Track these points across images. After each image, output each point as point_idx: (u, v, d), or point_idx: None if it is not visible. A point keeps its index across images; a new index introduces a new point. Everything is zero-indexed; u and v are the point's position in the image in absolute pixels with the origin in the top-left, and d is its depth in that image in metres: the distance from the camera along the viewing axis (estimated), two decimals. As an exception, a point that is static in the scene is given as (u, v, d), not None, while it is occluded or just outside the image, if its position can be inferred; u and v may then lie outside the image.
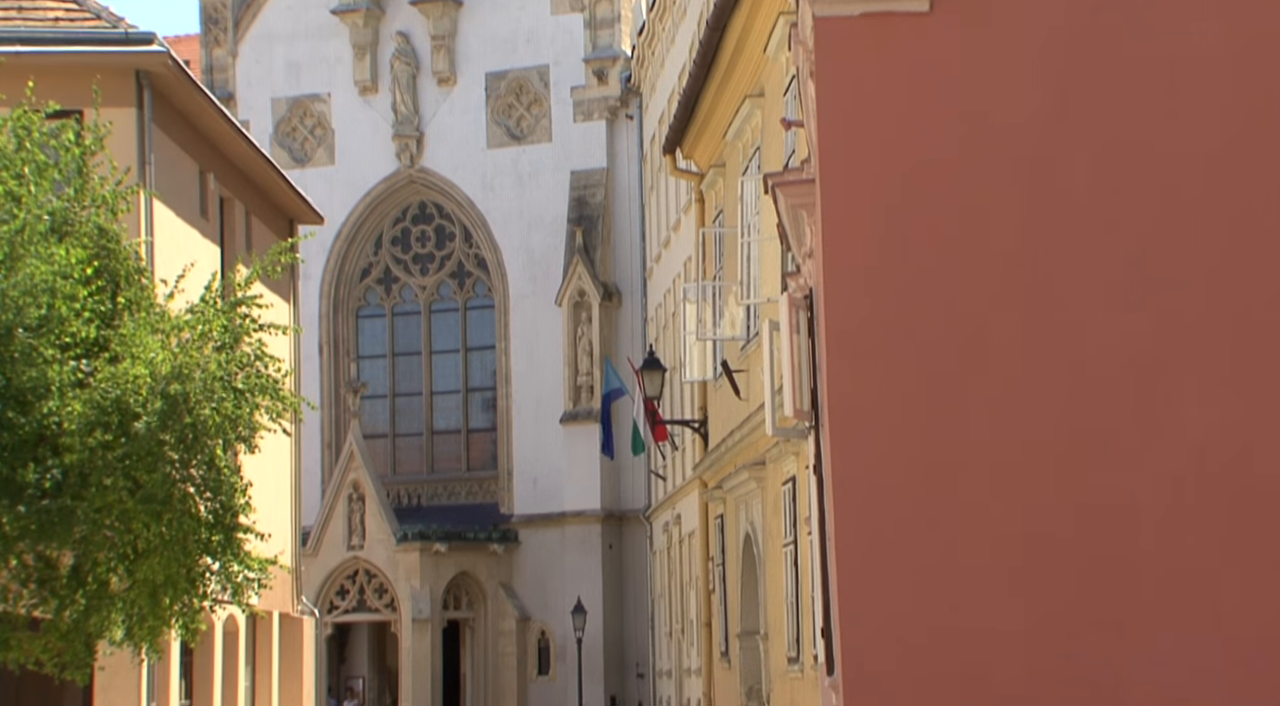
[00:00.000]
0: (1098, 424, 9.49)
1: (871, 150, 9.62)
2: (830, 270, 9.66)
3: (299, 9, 49.17)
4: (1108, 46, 9.54)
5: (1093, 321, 9.50)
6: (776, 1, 21.44)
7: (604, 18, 47.33)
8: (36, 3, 24.09)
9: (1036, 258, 9.54)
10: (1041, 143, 9.54)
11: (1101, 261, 9.50)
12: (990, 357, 9.55)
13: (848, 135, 9.65)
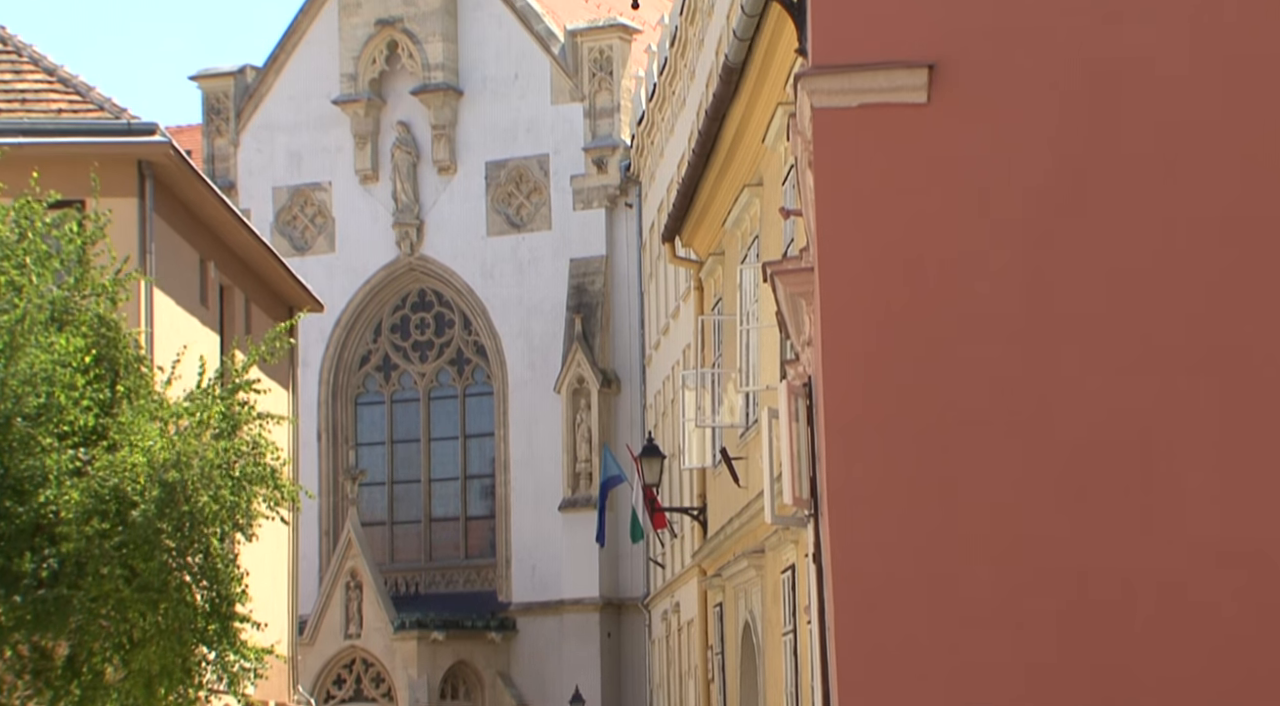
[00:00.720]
0: (1097, 506, 9.48)
1: (870, 239, 9.65)
2: (829, 358, 9.67)
3: (300, 99, 49.40)
4: (1105, 135, 9.58)
5: (1092, 405, 9.51)
6: (775, 92, 21.55)
7: (603, 108, 47.54)
8: (41, 95, 24.24)
9: (1035, 345, 9.55)
10: (1040, 230, 9.57)
11: (1101, 346, 9.51)
12: (989, 445, 9.55)
13: (846, 224, 9.68)
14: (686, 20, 36.43)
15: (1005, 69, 9.58)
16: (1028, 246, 9.57)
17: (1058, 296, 9.57)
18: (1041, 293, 9.56)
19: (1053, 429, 9.53)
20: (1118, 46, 9.57)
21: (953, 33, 9.55)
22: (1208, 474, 9.50)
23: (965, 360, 9.55)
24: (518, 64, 48.04)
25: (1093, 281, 9.55)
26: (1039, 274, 9.56)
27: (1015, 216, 9.56)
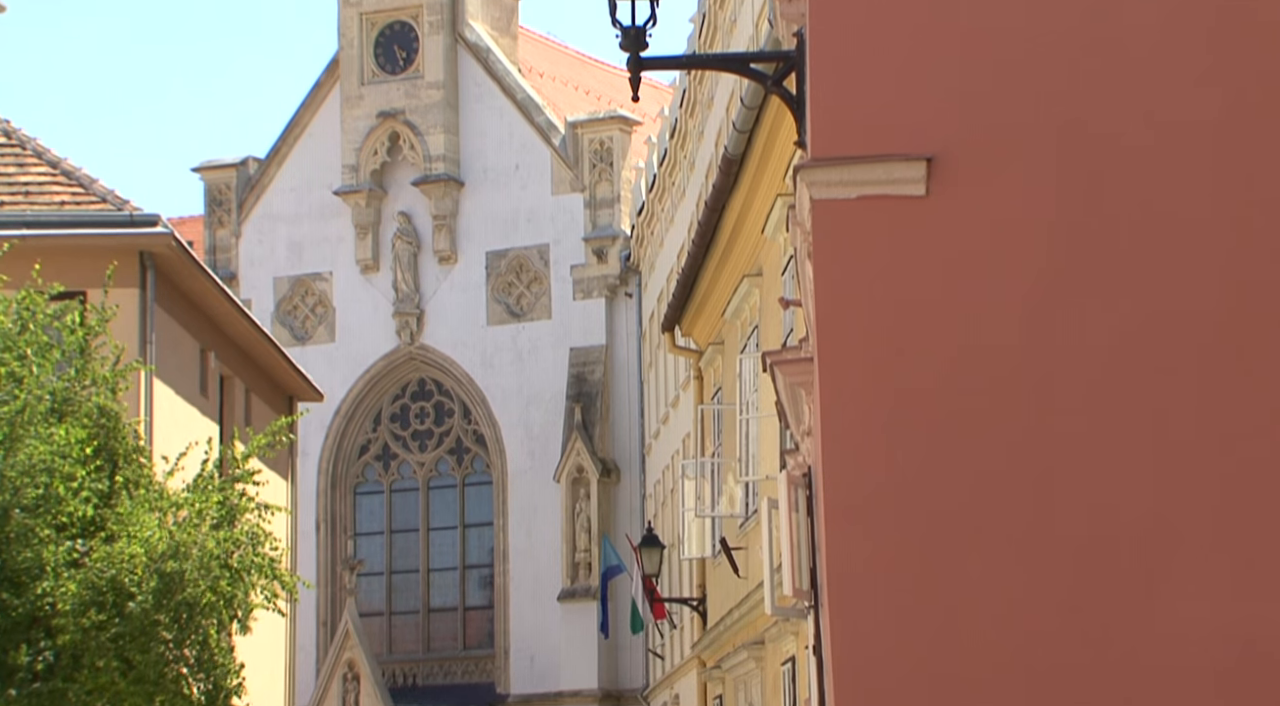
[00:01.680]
0: (1099, 599, 9.44)
1: (869, 330, 9.66)
2: (829, 449, 9.66)
3: (302, 190, 49.58)
4: (1104, 227, 9.60)
5: (1095, 495, 9.49)
6: (774, 184, 21.63)
7: (604, 198, 47.71)
8: (44, 188, 24.37)
9: (1036, 436, 9.54)
10: (1039, 323, 9.58)
11: (1103, 436, 9.50)
12: (991, 537, 9.53)
13: (845, 315, 9.69)
14: (686, 112, 36.60)
15: (1003, 162, 9.61)
16: (1027, 338, 9.58)
17: (1058, 388, 9.57)
18: (1041, 384, 9.56)
19: (1054, 520, 9.51)
20: (1117, 138, 9.61)
21: (950, 126, 9.59)
22: (1211, 568, 9.47)
23: (966, 451, 9.55)
24: (519, 155, 48.24)
25: (1093, 372, 9.56)
26: (1039, 365, 9.57)
27: (1015, 308, 9.57)
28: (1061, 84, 9.61)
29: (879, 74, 9.61)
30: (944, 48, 9.62)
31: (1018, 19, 9.62)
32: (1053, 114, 9.60)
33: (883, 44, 9.62)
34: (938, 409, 9.58)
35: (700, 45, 34.35)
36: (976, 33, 9.62)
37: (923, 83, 9.61)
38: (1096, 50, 9.61)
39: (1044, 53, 9.61)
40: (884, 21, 9.63)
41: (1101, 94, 9.62)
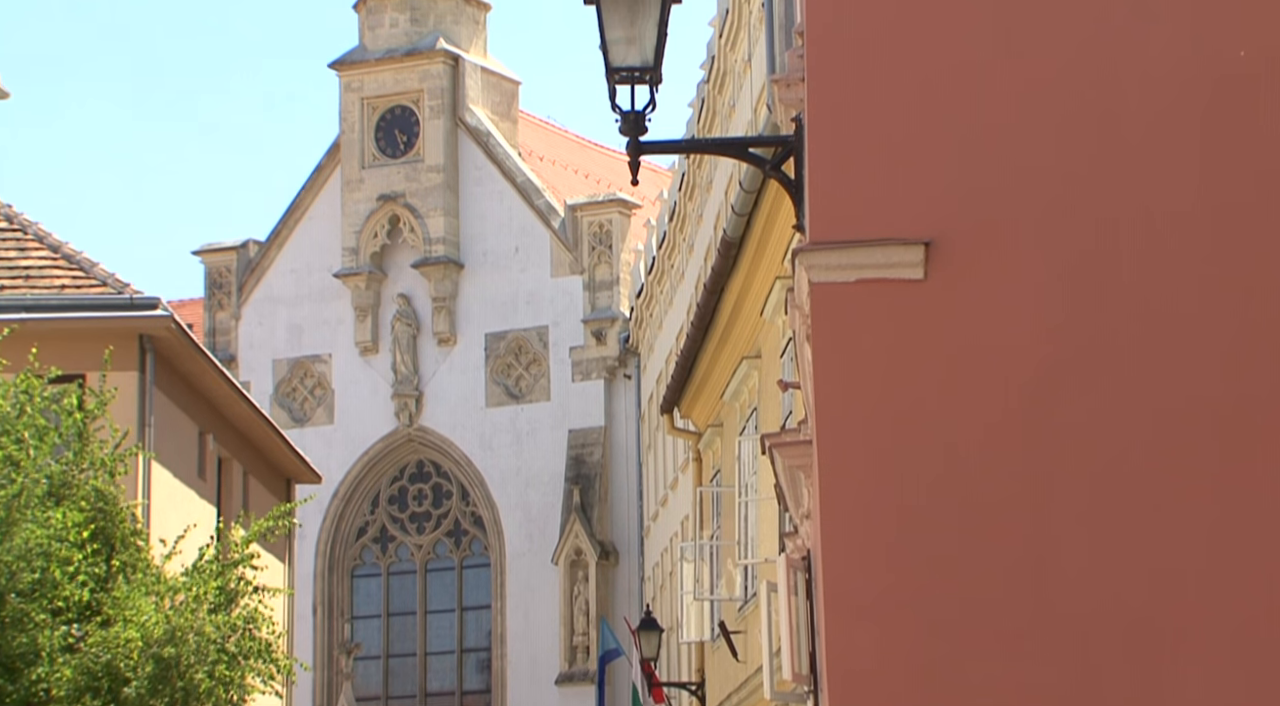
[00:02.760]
0: (1101, 689, 9.40)
1: (868, 414, 9.65)
2: (828, 532, 9.63)
3: (302, 273, 49.69)
4: (1105, 314, 9.60)
5: (1096, 585, 9.45)
6: (773, 266, 21.67)
7: (603, 280, 47.80)
8: (45, 272, 24.46)
9: (1037, 522, 9.52)
10: (1040, 408, 9.58)
11: (1105, 526, 9.48)
12: (991, 624, 9.49)
13: (844, 398, 9.68)
14: (685, 195, 36.71)
15: (1001, 246, 9.63)
16: (1027, 423, 9.57)
17: (1059, 473, 9.56)
18: (1042, 470, 9.55)
19: (1056, 607, 9.48)
20: (1115, 225, 9.63)
21: (948, 211, 9.62)
22: (1212, 658, 9.43)
23: (966, 536, 9.52)
24: (518, 237, 48.38)
25: (1094, 459, 9.54)
26: (1039, 450, 9.55)
27: (1014, 393, 9.57)
28: (1059, 170, 9.63)
29: (877, 158, 9.64)
30: (942, 133, 9.65)
31: (1016, 107, 9.66)
32: (1050, 200, 9.63)
33: (881, 129, 9.66)
34: (937, 493, 9.57)
35: (699, 129, 34.48)
36: (974, 119, 9.66)
37: (921, 167, 9.64)
38: (1094, 138, 9.64)
39: (1041, 139, 9.64)
40: (882, 107, 9.66)
41: (1099, 181, 9.64)
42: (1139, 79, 9.63)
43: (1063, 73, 9.66)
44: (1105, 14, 9.66)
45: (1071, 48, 9.66)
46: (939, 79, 9.66)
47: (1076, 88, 9.65)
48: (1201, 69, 9.57)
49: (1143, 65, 9.64)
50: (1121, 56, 9.64)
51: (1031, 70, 9.67)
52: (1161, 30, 9.62)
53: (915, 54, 9.66)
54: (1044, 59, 9.67)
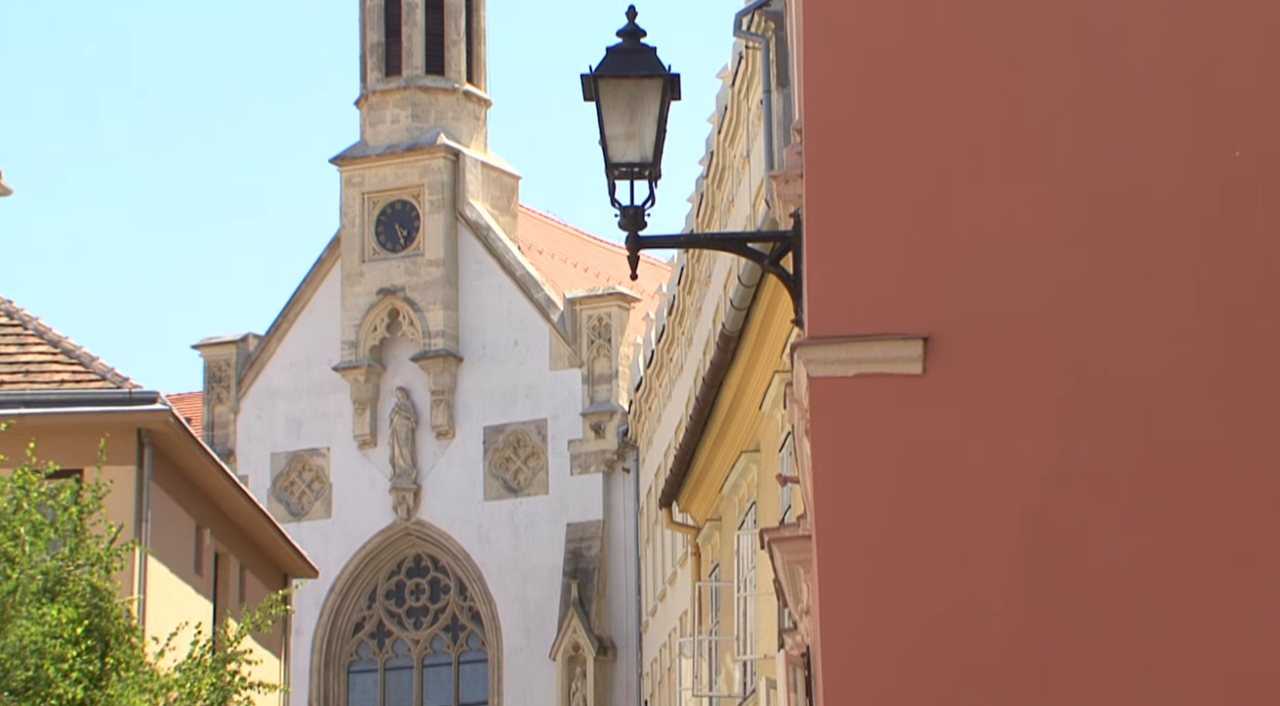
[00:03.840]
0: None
1: (868, 509, 9.62)
2: (827, 629, 9.58)
3: (302, 366, 49.73)
4: (1103, 413, 9.59)
5: (1097, 680, 9.39)
6: (771, 361, 21.68)
7: (601, 374, 47.83)
8: (44, 367, 24.53)
9: (1036, 619, 9.47)
10: (1039, 505, 9.55)
11: (1105, 617, 9.42)
12: (991, 719, 9.42)
13: (844, 493, 9.66)
14: (684, 289, 36.78)
15: (1000, 342, 9.64)
16: (1027, 520, 9.54)
17: (1058, 571, 9.52)
18: (1044, 567, 9.51)
19: (1055, 699, 9.42)
20: (1114, 325, 9.63)
21: (947, 306, 9.62)
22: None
23: (965, 632, 9.47)
24: (517, 331, 48.45)
25: (1096, 556, 9.51)
26: (1041, 548, 9.52)
27: (1015, 489, 9.55)
28: (1057, 268, 9.64)
29: (875, 254, 9.66)
30: (940, 229, 9.67)
31: (1014, 204, 9.68)
32: (1049, 297, 9.63)
33: (879, 225, 9.67)
34: (937, 589, 9.52)
35: (698, 224, 34.58)
36: (973, 215, 9.68)
37: (919, 263, 9.65)
38: (1092, 237, 9.65)
39: (1039, 236, 9.66)
40: (880, 203, 9.68)
41: (1098, 279, 9.65)
42: (1136, 178, 9.66)
43: (1061, 171, 9.68)
44: (1102, 115, 9.70)
45: (1069, 148, 9.69)
46: (937, 176, 9.69)
47: (1074, 186, 9.68)
48: (1197, 169, 9.60)
49: (1139, 165, 9.67)
50: (1119, 156, 9.68)
51: (1030, 168, 9.70)
52: (1157, 132, 9.66)
53: (913, 151, 9.69)
54: (1043, 156, 9.70)
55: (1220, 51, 9.66)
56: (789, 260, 11.04)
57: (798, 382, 10.18)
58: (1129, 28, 9.72)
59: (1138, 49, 9.71)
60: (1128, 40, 9.72)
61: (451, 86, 49.77)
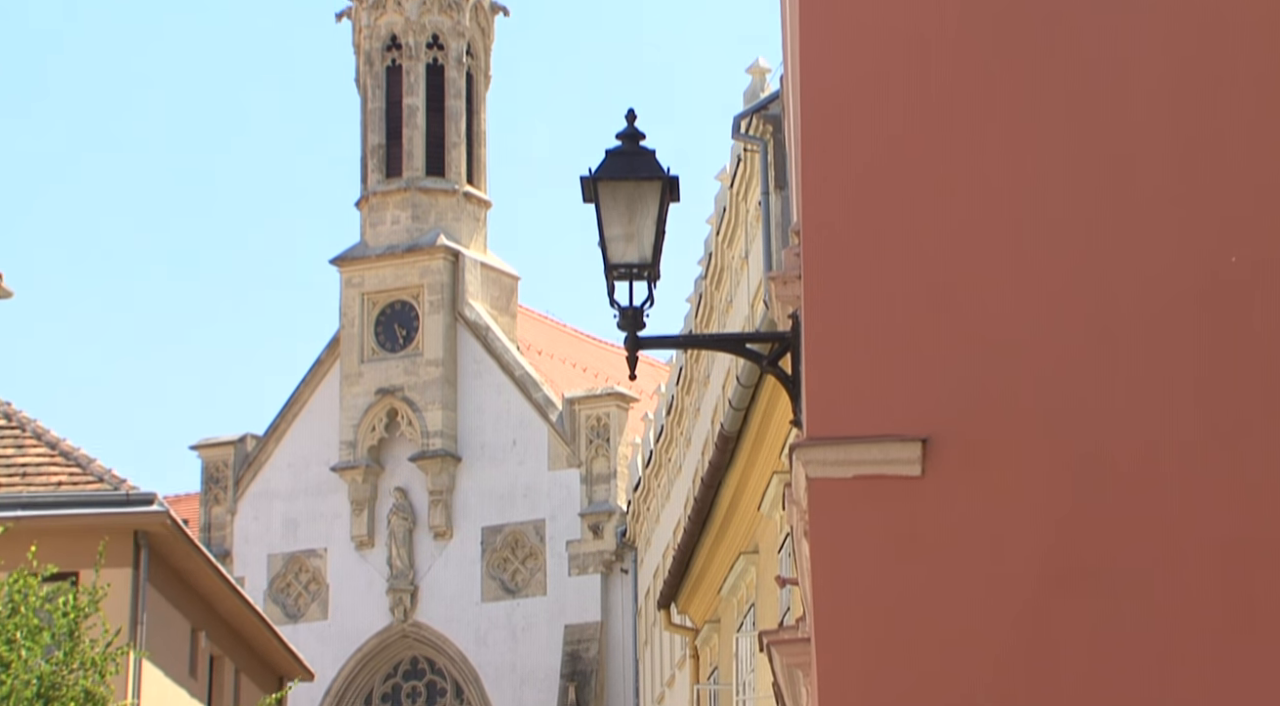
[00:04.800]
0: None
1: (867, 612, 9.57)
2: (827, 733, 9.52)
3: (299, 466, 49.67)
4: (1102, 516, 9.57)
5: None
6: (770, 461, 21.65)
7: (600, 474, 47.77)
8: (42, 469, 24.56)
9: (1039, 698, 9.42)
10: (1038, 606, 9.51)
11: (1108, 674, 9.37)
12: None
13: (843, 596, 9.62)
14: (683, 390, 36.78)
15: (1000, 444, 9.63)
16: (1028, 624, 9.50)
17: (1061, 677, 9.47)
18: (1044, 671, 9.46)
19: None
20: (1114, 425, 9.62)
21: (946, 408, 9.62)
22: None
23: (966, 735, 9.42)
24: (516, 431, 48.43)
25: (1097, 661, 9.47)
26: (1039, 650, 9.48)
27: (1014, 592, 9.51)
28: (1057, 371, 9.64)
29: (874, 355, 9.66)
30: (939, 331, 9.68)
31: (1013, 307, 9.69)
32: (1048, 399, 9.63)
33: (878, 326, 9.68)
34: (938, 692, 9.47)
35: (697, 324, 34.63)
36: (972, 317, 9.69)
37: (918, 365, 9.65)
38: (1091, 340, 9.66)
39: (1039, 339, 9.67)
40: (879, 304, 9.69)
41: (1097, 383, 9.65)
42: (1135, 279, 9.68)
43: (1060, 273, 9.70)
44: (1102, 218, 9.73)
45: (1068, 250, 9.71)
46: (935, 277, 9.70)
47: (1073, 289, 9.69)
48: (1195, 275, 9.62)
49: (1139, 266, 9.69)
50: (1118, 258, 9.69)
51: (1029, 270, 9.72)
52: (1158, 234, 9.69)
53: (911, 253, 9.72)
54: (1041, 258, 9.72)
55: (1221, 152, 9.69)
56: (787, 361, 11.04)
57: (796, 484, 10.15)
58: (1128, 129, 9.76)
59: (1138, 149, 9.74)
60: (1128, 142, 9.75)
61: (452, 188, 49.97)
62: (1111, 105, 9.78)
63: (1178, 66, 9.76)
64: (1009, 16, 9.84)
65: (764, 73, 27.26)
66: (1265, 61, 9.71)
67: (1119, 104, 9.77)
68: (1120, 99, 9.76)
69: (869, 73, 9.84)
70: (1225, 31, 9.75)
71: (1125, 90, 9.76)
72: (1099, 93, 9.77)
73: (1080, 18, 9.81)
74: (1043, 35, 9.82)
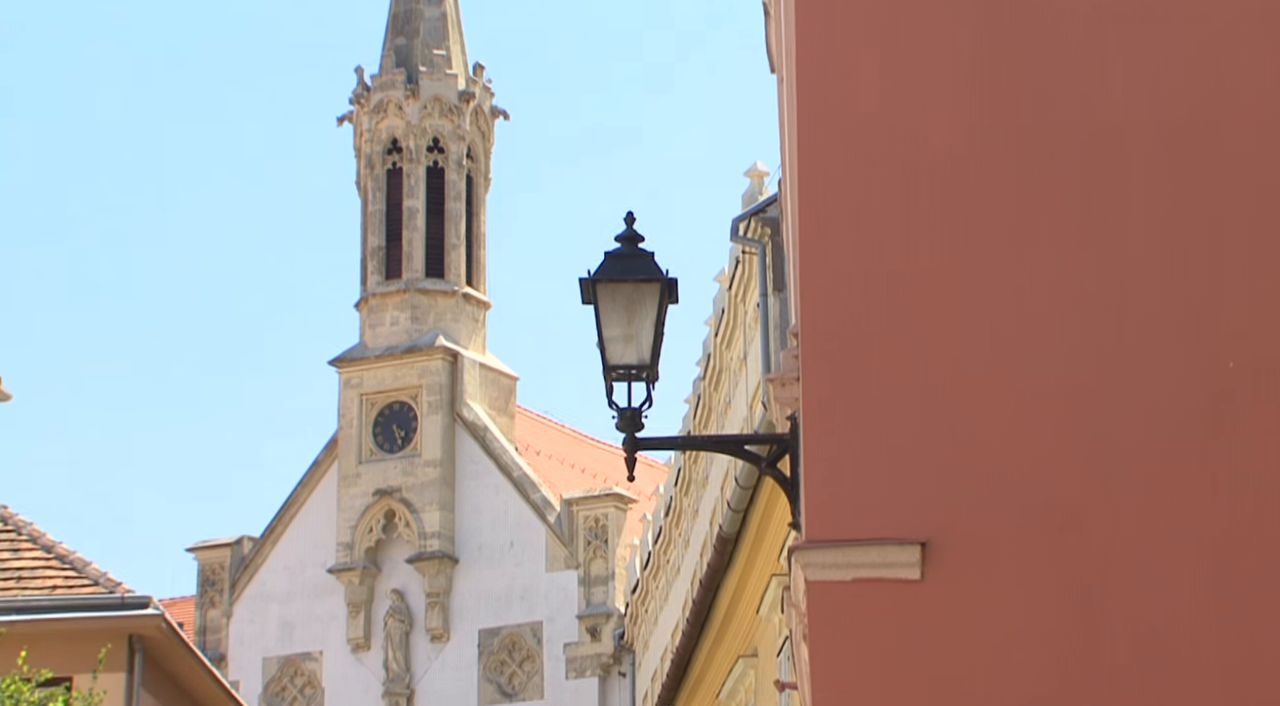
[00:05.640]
0: None
1: (866, 713, 9.53)
2: None
3: (295, 568, 49.51)
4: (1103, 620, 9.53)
5: None
6: (769, 564, 21.59)
7: (598, 575, 47.61)
8: (37, 572, 24.52)
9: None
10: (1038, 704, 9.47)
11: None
12: None
13: (842, 699, 9.59)
14: (681, 491, 36.71)
15: (999, 548, 9.61)
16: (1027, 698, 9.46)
17: None
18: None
19: None
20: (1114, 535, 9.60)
21: (945, 511, 9.61)
22: None
23: None
24: (514, 532, 48.30)
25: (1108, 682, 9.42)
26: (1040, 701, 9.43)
27: (1012, 696, 9.47)
28: (1056, 474, 9.64)
29: (873, 458, 9.65)
30: (938, 434, 9.67)
31: (1012, 411, 9.69)
32: (1047, 503, 9.61)
33: (876, 428, 9.68)
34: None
35: (695, 426, 34.60)
36: (970, 420, 9.69)
37: (917, 468, 9.64)
38: (1091, 445, 9.65)
39: (1038, 444, 9.66)
40: (877, 407, 9.70)
41: (1097, 487, 9.64)
42: (1133, 384, 9.69)
43: (1060, 377, 9.71)
44: (1097, 324, 9.74)
45: (1067, 355, 9.72)
46: (934, 380, 9.71)
47: (1072, 392, 9.70)
48: (1193, 381, 9.64)
49: (1137, 371, 9.70)
50: (1116, 363, 9.71)
51: (1029, 374, 9.73)
52: (1155, 340, 9.70)
53: (910, 356, 9.73)
54: (1041, 362, 9.74)
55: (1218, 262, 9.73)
56: (786, 463, 11.03)
57: (795, 586, 10.12)
58: (1125, 239, 9.79)
59: (1135, 258, 9.77)
60: (1125, 250, 9.78)
61: (451, 289, 50.08)
62: (1109, 215, 9.81)
63: (1174, 181, 9.80)
64: (1008, 126, 9.89)
65: (762, 176, 27.38)
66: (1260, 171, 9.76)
67: (1116, 214, 9.80)
68: (1118, 209, 9.80)
69: (866, 177, 9.89)
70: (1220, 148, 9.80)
71: (1122, 202, 9.80)
72: (1096, 203, 9.81)
73: (1078, 129, 9.86)
74: (1040, 147, 9.87)
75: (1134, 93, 9.83)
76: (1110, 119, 9.84)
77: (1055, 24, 9.91)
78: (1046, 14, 9.93)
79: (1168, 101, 9.83)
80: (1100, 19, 9.90)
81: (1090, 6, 9.92)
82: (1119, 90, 9.85)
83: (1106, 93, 9.85)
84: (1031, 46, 9.91)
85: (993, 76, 9.91)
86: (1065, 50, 9.89)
